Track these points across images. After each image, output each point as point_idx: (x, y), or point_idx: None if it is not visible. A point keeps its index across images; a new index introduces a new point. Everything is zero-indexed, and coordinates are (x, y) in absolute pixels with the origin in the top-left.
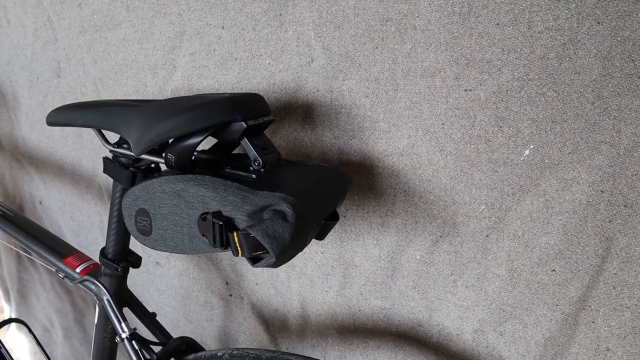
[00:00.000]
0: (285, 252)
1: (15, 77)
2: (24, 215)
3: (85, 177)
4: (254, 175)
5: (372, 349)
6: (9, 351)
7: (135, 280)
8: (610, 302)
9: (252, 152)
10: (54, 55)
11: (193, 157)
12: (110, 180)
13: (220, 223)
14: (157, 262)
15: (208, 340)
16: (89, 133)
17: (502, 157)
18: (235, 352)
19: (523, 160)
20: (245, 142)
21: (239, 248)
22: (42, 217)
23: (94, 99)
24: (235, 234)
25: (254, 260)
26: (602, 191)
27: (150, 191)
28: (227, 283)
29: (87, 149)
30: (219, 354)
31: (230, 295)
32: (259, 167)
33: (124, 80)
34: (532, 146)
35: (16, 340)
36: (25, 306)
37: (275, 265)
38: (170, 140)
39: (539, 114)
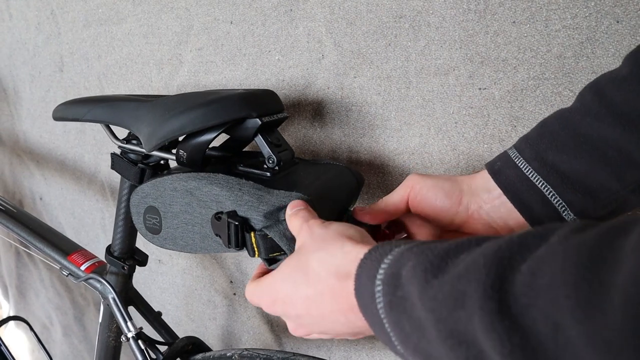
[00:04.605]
0: None
1: (17, 71)
2: (26, 211)
3: (87, 173)
4: (268, 174)
5: (379, 349)
6: (9, 348)
7: (137, 278)
8: None
9: (266, 150)
10: (57, 50)
11: (204, 154)
12: (114, 177)
13: (236, 223)
14: (159, 260)
15: (211, 339)
16: (92, 129)
17: None
18: (245, 352)
19: None
20: (259, 139)
21: (256, 249)
22: (42, 214)
23: (98, 94)
24: (252, 235)
25: (270, 262)
26: None
27: (160, 189)
28: (231, 281)
29: (90, 144)
30: (228, 354)
31: (234, 294)
32: (274, 165)
33: (129, 75)
34: None
35: (15, 337)
36: (24, 303)
37: None
38: (182, 137)
39: None
